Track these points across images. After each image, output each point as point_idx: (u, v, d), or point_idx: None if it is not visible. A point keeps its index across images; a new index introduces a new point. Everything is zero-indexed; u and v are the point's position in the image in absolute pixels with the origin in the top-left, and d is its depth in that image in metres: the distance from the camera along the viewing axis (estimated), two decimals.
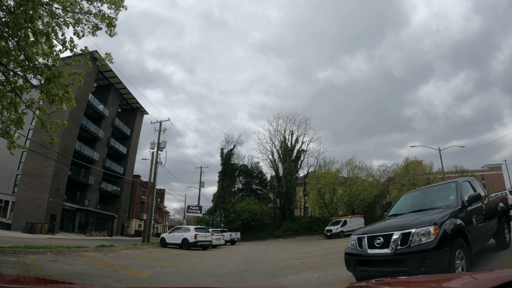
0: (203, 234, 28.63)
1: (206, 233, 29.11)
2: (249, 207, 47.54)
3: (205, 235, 28.69)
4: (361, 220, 42.50)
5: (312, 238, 43.30)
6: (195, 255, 22.37)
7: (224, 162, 54.19)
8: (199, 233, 28.32)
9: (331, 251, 20.49)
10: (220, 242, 33.29)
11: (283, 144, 53.48)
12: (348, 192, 43.30)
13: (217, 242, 32.62)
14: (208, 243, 29.04)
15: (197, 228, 29.49)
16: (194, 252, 25.51)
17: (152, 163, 38.75)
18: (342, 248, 21.91)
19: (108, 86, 59.07)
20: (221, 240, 33.41)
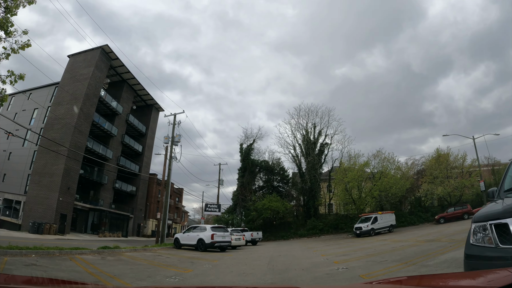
0: (221, 234, 25.02)
1: (225, 233, 25.48)
2: (271, 205, 43.88)
3: (223, 235, 25.07)
4: (392, 216, 38.62)
5: (339, 236, 39.39)
6: (211, 258, 18.80)
7: (244, 158, 50.62)
8: (217, 232, 24.73)
9: (372, 252, 17.24)
10: (240, 243, 29.68)
11: (306, 138, 49.64)
12: (378, 185, 39.11)
13: (236, 243, 29.08)
14: (226, 244, 25.49)
15: (214, 227, 25.86)
16: (211, 254, 21.95)
17: (165, 158, 35.32)
18: (382, 247, 17.23)
19: (121, 82, 56.16)
20: (241, 241, 29.80)
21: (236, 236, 29.60)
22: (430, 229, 32.35)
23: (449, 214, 39.67)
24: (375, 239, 29.54)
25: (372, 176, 42.41)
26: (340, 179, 40.48)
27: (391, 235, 32.07)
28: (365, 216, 37.63)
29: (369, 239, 30.27)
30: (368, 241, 27.52)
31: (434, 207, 47.12)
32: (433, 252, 13.55)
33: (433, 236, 23.63)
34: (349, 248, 22.56)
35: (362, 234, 35.46)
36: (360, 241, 28.74)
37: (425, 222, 43.55)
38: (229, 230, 31.50)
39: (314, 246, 27.69)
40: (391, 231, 37.38)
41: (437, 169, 44.51)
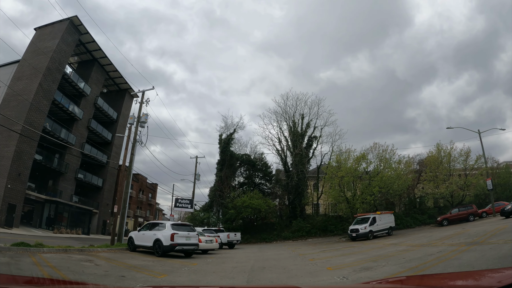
0: (185, 234, 18.45)
1: (190, 233, 18.85)
2: (252, 202, 37.38)
3: (187, 236, 18.48)
4: (391, 217, 32.58)
5: (331, 240, 33.09)
6: (159, 269, 12.41)
7: (223, 149, 43.76)
8: (178, 232, 18.17)
9: (403, 261, 11.79)
10: (212, 246, 22.95)
11: (292, 130, 43.14)
12: (378, 180, 32.69)
13: (207, 246, 22.50)
14: (192, 248, 19.03)
15: (175, 225, 19.25)
16: (167, 261, 15.48)
17: (128, 140, 28.61)
18: (390, 253, 12.65)
19: (91, 61, 49.00)
20: (213, 243, 23.00)
21: (208, 237, 22.89)
22: (437, 232, 26.43)
23: (453, 216, 34.12)
24: (379, 243, 23.49)
25: (367, 171, 35.94)
26: (334, 173, 33.88)
27: (394, 239, 26.08)
28: (362, 216, 31.41)
29: (368, 244, 24.41)
30: (366, 246, 21.98)
31: (430, 209, 41.62)
32: None
33: (456, 239, 17.78)
34: (348, 254, 16.48)
35: (358, 237, 29.44)
36: (358, 246, 22.85)
37: (421, 224, 38.16)
38: (200, 230, 25.08)
39: (306, 251, 21.32)
40: (390, 234, 31.38)
41: (439, 166, 38.49)
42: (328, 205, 43.64)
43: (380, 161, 34.75)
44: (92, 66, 48.71)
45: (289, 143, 43.25)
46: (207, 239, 22.35)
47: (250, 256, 19.69)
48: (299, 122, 43.58)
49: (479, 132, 38.49)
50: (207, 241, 22.22)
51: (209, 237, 23.38)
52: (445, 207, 41.09)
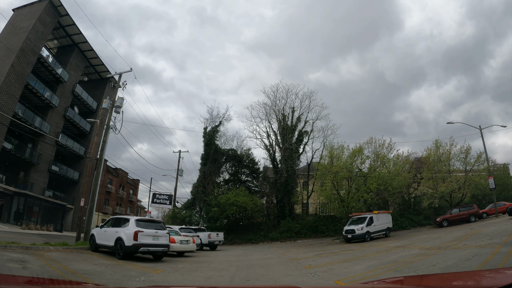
0: (151, 232, 15.01)
1: (158, 231, 15.35)
2: (237, 200, 33.80)
3: (155, 235, 15.06)
4: (388, 217, 29.48)
5: (323, 241, 29.75)
6: (105, 280, 8.94)
7: (207, 143, 39.93)
8: (144, 229, 14.69)
9: (407, 268, 9.75)
10: (187, 247, 19.29)
11: (282, 124, 39.52)
12: (375, 177, 29.30)
13: (182, 247, 18.88)
14: (161, 250, 15.42)
15: (141, 221, 15.72)
16: (123, 267, 12.19)
17: (99, 125, 25.31)
18: (405, 258, 11.62)
19: (71, 46, 44.94)
20: (190, 244, 19.28)
21: (184, 237, 19.24)
22: (442, 233, 23.36)
23: (453, 216, 31.26)
24: (381, 246, 20.43)
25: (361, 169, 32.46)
26: (327, 168, 30.36)
27: (396, 241, 22.95)
28: (358, 216, 28.11)
29: (372, 246, 21.19)
30: (377, 249, 18.48)
31: (425, 210, 38.48)
32: None
33: (478, 240, 14.79)
34: (367, 261, 13.35)
35: (354, 238, 26.11)
36: (363, 249, 19.62)
37: (417, 226, 35.07)
38: (177, 229, 21.58)
39: (298, 255, 17.95)
40: (388, 236, 28.23)
41: (437, 164, 35.41)
42: (318, 204, 40.30)
43: (377, 156, 31.33)
44: (72, 51, 44.73)
45: (278, 138, 39.77)
46: (182, 239, 18.73)
47: (232, 261, 16.20)
48: (289, 115, 40.13)
49: (480, 128, 35.65)
50: (182, 241, 18.59)
51: (186, 237, 19.73)
52: (440, 208, 38.27)
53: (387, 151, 30.68)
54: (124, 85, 27.86)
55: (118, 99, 26.08)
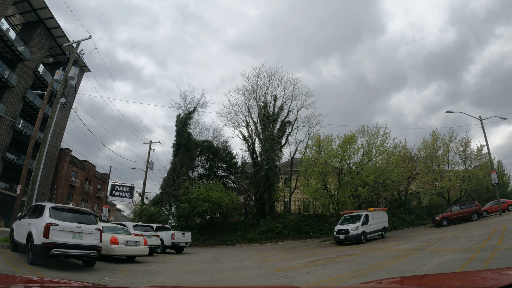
0: (72, 226, 9.66)
1: (83, 225, 10.04)
2: (210, 195, 28.55)
3: (76, 230, 9.64)
4: (384, 216, 24.89)
5: (307, 243, 24.98)
6: None
7: (179, 131, 34.47)
8: (61, 222, 9.21)
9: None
10: (136, 250, 13.98)
11: (263, 112, 34.49)
12: (372, 168, 24.41)
13: (128, 250, 13.69)
14: (84, 252, 10.04)
15: (58, 209, 10.31)
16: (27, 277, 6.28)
17: (45, 98, 20.70)
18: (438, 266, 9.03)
19: (36, 22, 38.75)
20: (139, 246, 13.93)
21: (131, 237, 13.94)
22: (450, 232, 18.85)
23: (453, 214, 26.97)
24: (385, 249, 16.10)
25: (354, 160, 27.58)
26: (315, 158, 25.30)
27: (399, 242, 18.56)
28: (350, 214, 23.37)
29: (373, 249, 16.84)
30: (384, 253, 14.23)
31: (418, 208, 34.81)
32: None
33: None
34: (385, 273, 7.98)
35: (348, 240, 21.41)
36: (365, 253, 15.31)
37: (409, 226, 30.88)
38: (131, 226, 16.43)
39: (284, 263, 13.14)
40: (384, 236, 23.69)
41: (435, 158, 31.12)
42: (301, 202, 35.37)
43: (370, 147, 26.26)
44: (36, 28, 38.67)
45: (258, 127, 34.74)
46: (129, 239, 13.49)
47: (191, 272, 11.17)
48: (271, 104, 35.18)
49: (481, 119, 31.32)
50: (129, 242, 13.37)
51: (136, 236, 14.45)
52: (432, 207, 34.36)
53: (382, 140, 25.79)
54: (81, 56, 23.35)
55: (72, 69, 21.66)
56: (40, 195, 38.93)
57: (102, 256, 11.24)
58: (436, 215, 28.62)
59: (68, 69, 22.35)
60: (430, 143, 31.86)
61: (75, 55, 23.65)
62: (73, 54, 23.57)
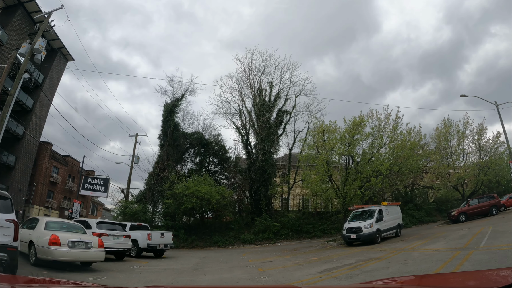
0: None
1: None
2: (198, 189, 24.46)
3: None
4: (398, 211, 20.94)
5: (309, 245, 21.09)
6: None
7: (165, 119, 30.38)
8: None
9: None
10: (85, 255, 9.94)
11: (258, 100, 30.51)
12: (388, 154, 20.46)
13: (71, 255, 9.53)
14: None
15: None
16: None
17: (5, 72, 16.86)
18: None
19: (16, 6, 34.54)
20: (91, 250, 9.88)
21: (80, 238, 9.93)
22: (477, 227, 15.37)
23: (472, 209, 23.32)
24: (412, 248, 12.35)
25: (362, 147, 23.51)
26: (319, 144, 21.20)
27: (424, 242, 14.63)
28: (361, 209, 19.52)
29: (398, 250, 13.31)
30: (420, 256, 10.69)
31: (427, 204, 31.15)
32: None
33: None
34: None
35: (361, 240, 17.47)
36: (390, 255, 11.69)
37: (418, 223, 27.42)
38: (94, 222, 12.64)
39: (290, 275, 9.01)
40: (399, 235, 19.87)
41: (448, 148, 27.48)
42: (301, 199, 31.45)
43: (381, 132, 22.10)
44: (16, 11, 34.49)
45: (252, 117, 30.74)
46: (76, 239, 9.54)
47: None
48: (267, 91, 31.26)
49: (496, 104, 27.68)
50: (76, 244, 9.44)
51: (88, 236, 10.49)
52: (441, 202, 30.84)
53: (394, 125, 21.71)
54: (50, 27, 19.86)
55: (39, 41, 18.18)
56: (16, 191, 34.93)
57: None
58: (452, 210, 24.85)
59: (35, 40, 18.69)
60: (443, 130, 28.12)
61: (45, 25, 20.22)
62: (42, 25, 20.11)
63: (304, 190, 30.13)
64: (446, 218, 26.76)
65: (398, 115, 21.90)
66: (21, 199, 35.95)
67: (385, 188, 24.00)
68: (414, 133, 22.16)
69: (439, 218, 28.78)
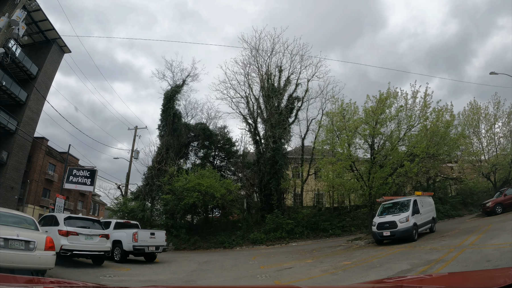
0: None
1: None
2: (200, 183, 21.08)
3: None
4: (431, 202, 17.70)
5: (329, 244, 17.84)
6: None
7: (165, 106, 27.02)
8: None
9: None
10: (22, 260, 6.69)
11: (267, 84, 27.17)
12: (422, 135, 16.96)
13: (4, 259, 6.07)
14: None
15: None
16: None
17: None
18: None
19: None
20: (32, 252, 6.64)
21: (19, 235, 6.66)
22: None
23: (508, 199, 19.96)
24: (462, 245, 8.49)
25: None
26: (340, 127, 17.51)
27: (472, 237, 11.51)
28: (392, 201, 16.16)
29: (443, 248, 10.24)
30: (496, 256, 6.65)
31: (451, 197, 27.71)
32: None
33: None
34: None
35: (396, 236, 14.09)
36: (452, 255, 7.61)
37: (444, 217, 23.84)
38: (62, 218, 9.28)
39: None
40: (433, 230, 16.60)
41: (477, 133, 24.21)
42: (317, 193, 27.99)
43: (409, 111, 18.34)
44: None
45: (260, 104, 27.42)
46: (9, 236, 6.35)
47: None
48: (276, 76, 27.93)
49: None
50: (10, 243, 6.25)
51: (32, 233, 7.24)
52: (466, 195, 27.54)
53: (424, 103, 17.97)
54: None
55: (17, 12, 15.59)
56: (8, 189, 32.00)
57: None
58: (487, 201, 21.42)
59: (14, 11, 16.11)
60: (470, 114, 24.68)
61: None
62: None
63: (319, 183, 26.75)
64: (472, 212, 24.59)
65: (428, 92, 18.37)
66: (14, 197, 32.99)
67: (416, 176, 20.33)
68: (447, 111, 18.57)
69: (465, 212, 25.66)
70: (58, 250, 9.97)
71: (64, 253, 9.82)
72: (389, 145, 17.07)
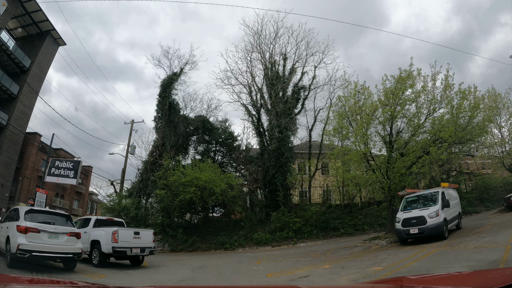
0: None
1: None
2: (198, 177, 18.86)
3: None
4: (456, 195, 15.63)
5: (343, 245, 15.68)
6: None
7: (161, 95, 24.88)
8: None
9: None
10: None
11: (270, 73, 25.03)
12: (452, 118, 14.44)
13: None
14: None
15: None
16: None
17: None
18: None
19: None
20: None
21: None
22: None
23: None
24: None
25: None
26: (354, 111, 15.14)
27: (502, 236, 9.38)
28: (416, 194, 14.03)
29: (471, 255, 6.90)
30: None
31: (468, 193, 25.52)
32: None
33: None
34: None
35: (425, 234, 11.86)
36: None
37: (465, 213, 21.00)
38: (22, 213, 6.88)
39: None
40: (460, 227, 14.59)
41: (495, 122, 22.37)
42: (325, 189, 25.77)
43: (429, 94, 15.91)
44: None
45: (263, 93, 25.28)
46: None
47: None
48: (280, 64, 25.80)
49: None
50: None
51: None
52: (482, 190, 25.60)
53: (446, 85, 15.62)
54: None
55: None
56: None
57: None
58: (510, 195, 19.41)
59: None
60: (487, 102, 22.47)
61: None
62: None
63: (327, 179, 24.62)
64: (489, 208, 23.34)
65: (449, 73, 16.08)
66: (5, 195, 31.08)
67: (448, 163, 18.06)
68: (471, 94, 16.28)
69: (481, 209, 23.85)
70: (15, 251, 7.95)
71: (21, 254, 7.78)
72: (411, 130, 14.81)
